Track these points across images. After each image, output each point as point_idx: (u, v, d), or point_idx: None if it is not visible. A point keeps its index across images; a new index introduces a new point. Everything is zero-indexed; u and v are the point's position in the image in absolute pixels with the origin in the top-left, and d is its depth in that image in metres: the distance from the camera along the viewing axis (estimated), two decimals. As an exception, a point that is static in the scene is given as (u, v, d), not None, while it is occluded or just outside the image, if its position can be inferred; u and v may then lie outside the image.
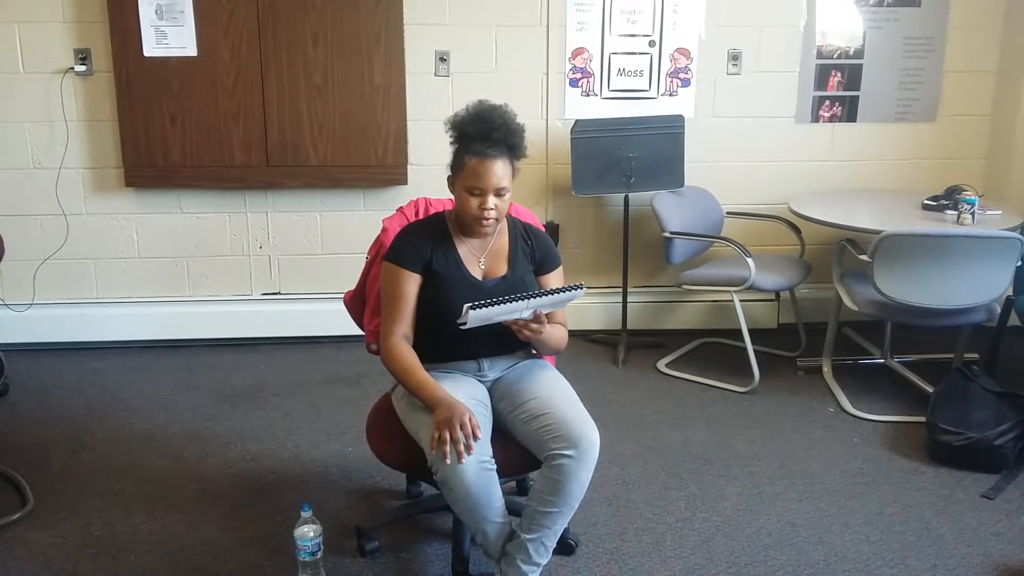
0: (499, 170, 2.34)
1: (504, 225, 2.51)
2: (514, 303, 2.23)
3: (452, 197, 2.68)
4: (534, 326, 2.32)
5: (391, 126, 4.15)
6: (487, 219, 2.36)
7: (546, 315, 2.46)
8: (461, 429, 2.16)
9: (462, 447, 2.16)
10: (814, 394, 3.84)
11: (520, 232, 2.55)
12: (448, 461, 2.16)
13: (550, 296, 2.29)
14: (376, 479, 3.10)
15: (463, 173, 2.36)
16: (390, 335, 2.40)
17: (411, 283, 2.41)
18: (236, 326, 4.35)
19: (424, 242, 2.43)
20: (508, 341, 2.50)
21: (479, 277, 2.46)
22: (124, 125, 4.06)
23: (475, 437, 2.18)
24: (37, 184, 4.16)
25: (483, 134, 2.35)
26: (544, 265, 2.54)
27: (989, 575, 2.61)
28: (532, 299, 2.26)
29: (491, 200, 2.34)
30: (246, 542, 2.74)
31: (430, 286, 2.41)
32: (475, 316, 2.20)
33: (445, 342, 2.43)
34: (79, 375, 4.01)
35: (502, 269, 2.48)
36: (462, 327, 2.24)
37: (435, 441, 2.17)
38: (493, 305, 2.20)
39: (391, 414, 2.52)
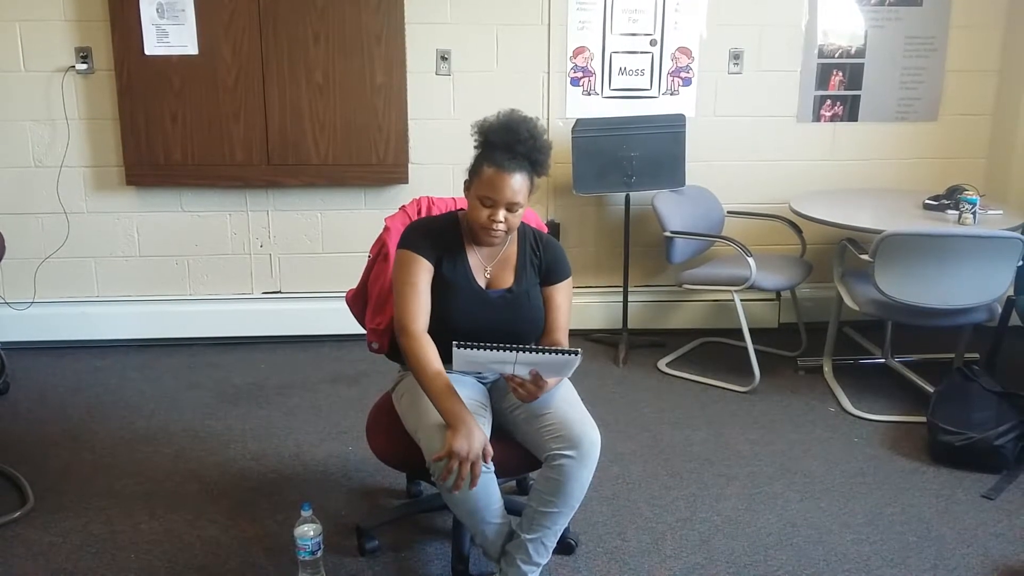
0: (515, 184, 2.28)
1: (514, 234, 2.47)
2: (503, 352, 2.17)
3: (456, 197, 2.68)
4: (531, 388, 2.25)
5: (392, 125, 4.15)
6: (495, 231, 2.31)
7: (552, 325, 2.45)
8: (473, 467, 2.13)
9: (465, 480, 2.13)
10: (815, 394, 3.84)
11: (530, 241, 2.49)
12: (447, 484, 2.15)
13: (542, 355, 2.20)
14: (376, 478, 3.10)
15: (479, 180, 2.31)
16: (412, 323, 2.32)
17: (427, 272, 2.36)
18: (237, 325, 4.35)
19: (436, 239, 2.40)
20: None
21: (484, 286, 2.43)
22: (125, 123, 4.06)
23: (486, 462, 2.17)
24: (38, 182, 4.16)
25: (507, 145, 2.29)
26: (551, 276, 2.48)
27: (989, 575, 2.61)
28: (522, 352, 2.18)
29: (501, 213, 2.29)
30: (246, 541, 2.74)
31: (435, 288, 2.39)
32: (460, 356, 2.16)
33: (445, 345, 2.42)
34: (79, 374, 4.01)
35: (508, 280, 2.45)
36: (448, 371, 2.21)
37: (441, 459, 2.14)
38: (481, 349, 2.16)
39: (391, 413, 2.52)
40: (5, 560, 2.63)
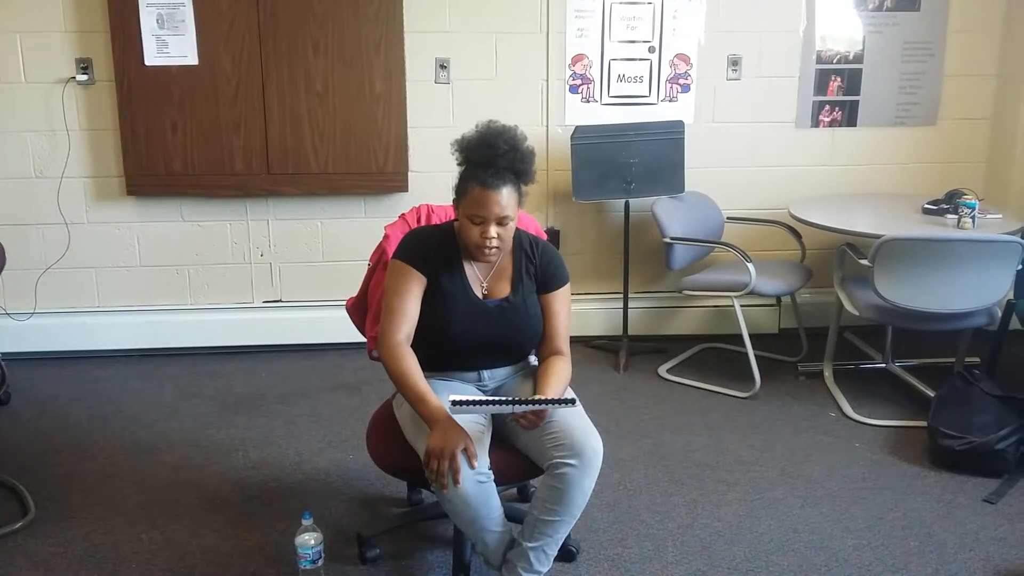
0: (502, 199, 2.26)
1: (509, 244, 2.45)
2: (499, 406, 2.20)
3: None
4: (532, 418, 2.26)
5: (392, 133, 4.16)
6: (489, 248, 2.30)
7: (552, 333, 2.46)
8: (451, 462, 2.13)
9: (447, 476, 2.13)
10: (815, 399, 3.84)
11: (525, 249, 2.47)
12: (445, 490, 2.15)
13: (540, 406, 2.23)
14: (377, 486, 3.10)
15: (466, 200, 2.29)
16: (392, 335, 2.32)
17: (418, 284, 2.36)
18: (237, 334, 4.35)
19: (434, 250, 2.39)
20: (508, 355, 2.50)
21: (481, 297, 2.43)
22: (125, 134, 4.07)
23: (471, 467, 2.15)
24: (39, 193, 4.17)
25: (488, 161, 2.27)
26: (548, 283, 2.47)
27: (991, 580, 2.61)
28: (519, 405, 2.20)
29: (493, 229, 2.28)
30: (247, 550, 2.74)
31: (432, 300, 2.39)
32: (457, 411, 2.17)
33: (444, 355, 2.43)
34: (81, 384, 4.02)
35: (505, 290, 2.44)
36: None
37: (427, 467, 2.16)
38: (478, 404, 2.18)
39: (392, 422, 2.51)
40: (6, 571, 2.63)
